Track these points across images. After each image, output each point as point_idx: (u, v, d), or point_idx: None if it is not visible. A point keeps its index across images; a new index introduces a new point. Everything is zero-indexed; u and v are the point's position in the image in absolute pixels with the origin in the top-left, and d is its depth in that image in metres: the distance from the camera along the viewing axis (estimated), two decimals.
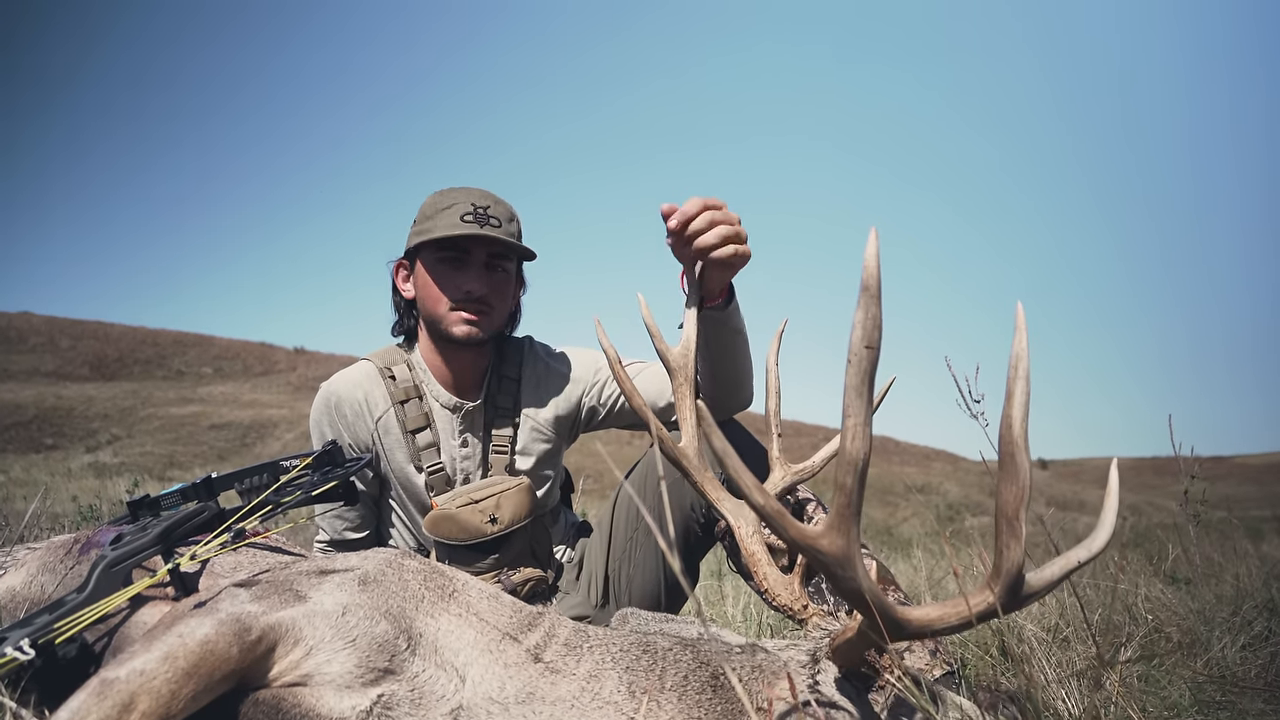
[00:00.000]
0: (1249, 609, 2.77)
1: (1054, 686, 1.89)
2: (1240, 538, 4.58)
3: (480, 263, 2.42)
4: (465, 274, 2.41)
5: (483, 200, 2.40)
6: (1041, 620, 2.79)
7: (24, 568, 1.91)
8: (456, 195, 2.41)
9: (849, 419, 1.15)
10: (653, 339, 1.88)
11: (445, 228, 2.35)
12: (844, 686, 1.43)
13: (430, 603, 1.53)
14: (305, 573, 1.54)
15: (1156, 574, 3.72)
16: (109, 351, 44.65)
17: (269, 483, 2.04)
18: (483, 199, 2.41)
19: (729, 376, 2.31)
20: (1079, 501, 29.63)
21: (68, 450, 27.27)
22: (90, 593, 1.54)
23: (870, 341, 1.12)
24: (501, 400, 2.55)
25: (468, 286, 2.39)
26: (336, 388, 2.49)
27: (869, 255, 1.11)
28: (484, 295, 2.41)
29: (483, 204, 2.39)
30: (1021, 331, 1.19)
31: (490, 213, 2.39)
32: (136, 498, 1.99)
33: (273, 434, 30.02)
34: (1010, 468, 1.19)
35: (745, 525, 1.68)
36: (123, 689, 1.20)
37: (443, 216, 2.37)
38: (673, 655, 1.48)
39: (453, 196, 2.41)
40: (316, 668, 1.37)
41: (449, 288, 2.40)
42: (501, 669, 1.44)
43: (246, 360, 47.80)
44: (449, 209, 2.37)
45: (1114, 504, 1.29)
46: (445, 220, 2.36)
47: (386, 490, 2.57)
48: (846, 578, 1.22)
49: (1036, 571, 1.26)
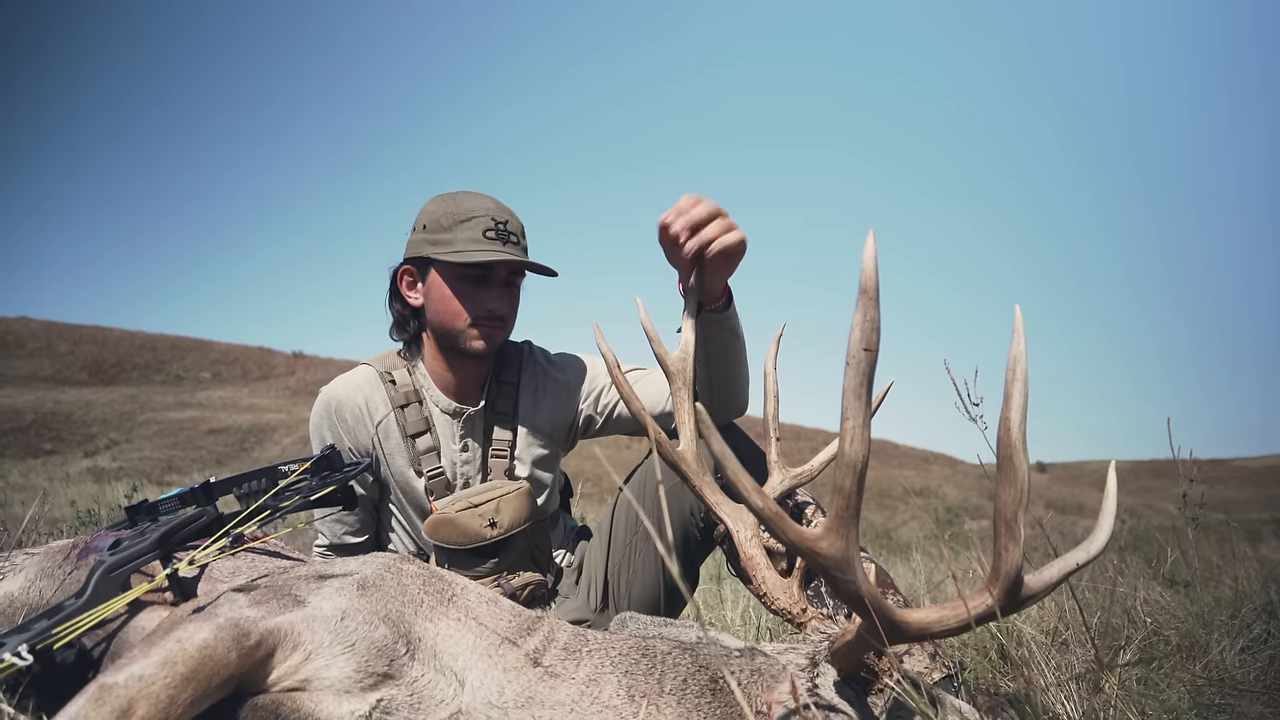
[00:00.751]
0: (1248, 612, 2.77)
1: (1053, 689, 1.89)
2: (1239, 540, 4.59)
3: (502, 280, 2.41)
4: (488, 292, 2.39)
5: (500, 214, 2.38)
6: (1040, 623, 2.79)
7: (22, 573, 1.90)
8: (472, 205, 2.37)
9: (847, 422, 1.15)
10: (651, 344, 1.88)
11: (469, 246, 2.31)
12: (843, 690, 1.43)
13: (429, 607, 1.53)
14: (304, 577, 1.54)
15: (1155, 577, 3.72)
16: (107, 356, 44.59)
17: (267, 487, 2.04)
18: (500, 212, 2.38)
19: (726, 381, 2.30)
20: (1078, 504, 29.64)
21: (66, 455, 27.23)
22: (89, 598, 1.54)
23: (868, 344, 1.12)
24: (501, 405, 2.55)
25: (490, 305, 2.38)
26: (337, 392, 2.48)
27: (867, 258, 1.11)
28: (504, 313, 2.41)
29: (501, 219, 2.36)
30: (1019, 335, 1.19)
31: (509, 228, 2.37)
32: (135, 503, 1.99)
33: (271, 438, 29.97)
34: (1009, 471, 1.20)
35: (744, 529, 1.68)
36: (121, 694, 1.20)
37: (463, 230, 2.34)
38: (672, 659, 1.48)
39: (468, 206, 2.37)
40: (315, 673, 1.37)
41: (471, 306, 2.38)
42: (500, 673, 1.44)
43: (245, 365, 47.74)
44: (468, 223, 2.34)
45: (1112, 507, 1.29)
46: (466, 236, 2.33)
47: (386, 495, 2.57)
48: (845, 580, 1.22)
49: (1035, 574, 1.27)
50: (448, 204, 2.40)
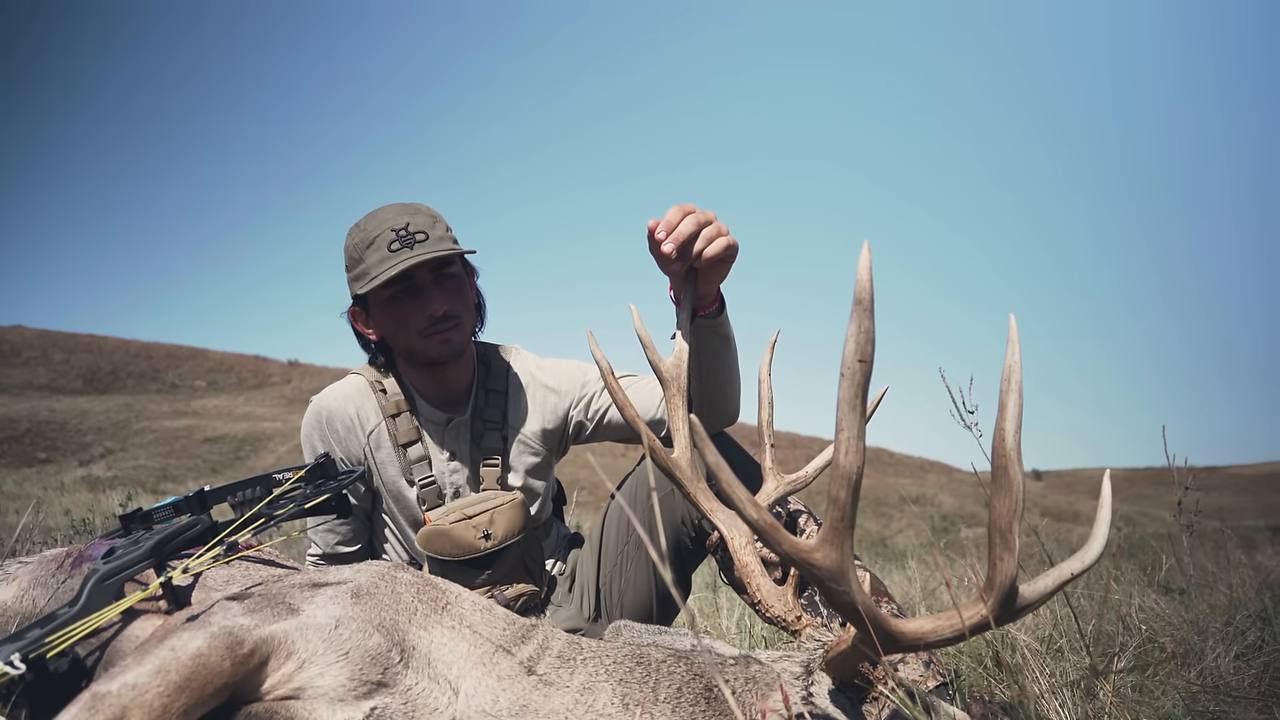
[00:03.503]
0: (1242, 619, 2.77)
1: (1047, 697, 1.89)
2: (1234, 548, 4.59)
3: (428, 282, 2.34)
4: (420, 299, 2.33)
5: (399, 218, 2.31)
6: (1035, 631, 2.79)
7: (15, 581, 1.90)
8: (375, 224, 2.31)
9: (842, 433, 1.15)
10: (645, 350, 1.88)
11: (379, 268, 2.26)
12: (838, 698, 1.43)
13: (423, 615, 1.53)
14: (298, 585, 1.54)
15: (1150, 584, 3.72)
16: (102, 365, 44.55)
17: (262, 496, 2.04)
18: (399, 217, 2.31)
19: (717, 387, 2.30)
20: (1073, 512, 29.65)
21: (61, 464, 27.18)
22: (82, 606, 1.53)
23: (863, 355, 1.12)
24: (489, 414, 2.52)
25: (429, 311, 2.32)
26: (327, 402, 2.47)
27: (861, 268, 1.12)
28: (446, 311, 2.35)
29: (401, 223, 2.29)
30: (1014, 344, 1.20)
31: (412, 228, 2.29)
32: (129, 511, 1.98)
33: (266, 447, 29.95)
34: (1003, 480, 1.20)
35: (738, 537, 1.68)
36: (114, 703, 1.20)
37: (372, 254, 2.29)
38: (666, 667, 1.48)
39: (371, 229, 2.31)
40: (309, 680, 1.37)
41: (412, 319, 2.33)
42: (495, 681, 1.44)
43: (240, 373, 47.72)
44: (373, 245, 2.29)
45: (1107, 515, 1.29)
46: (376, 258, 2.28)
47: (378, 504, 2.55)
48: (840, 591, 1.22)
49: (1030, 583, 1.27)
50: (355, 235, 2.35)
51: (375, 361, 2.55)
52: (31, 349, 44.83)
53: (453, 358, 2.41)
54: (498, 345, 2.66)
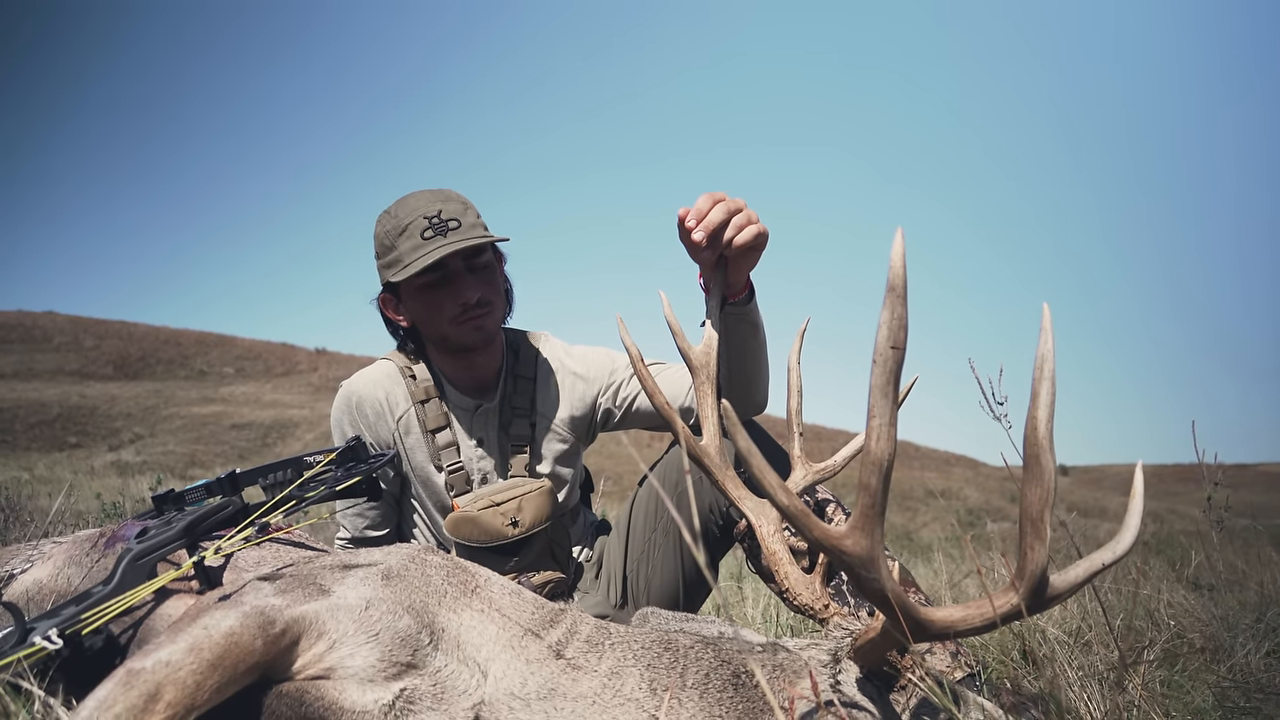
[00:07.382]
0: (1273, 615, 2.75)
1: (1076, 688, 1.88)
2: (1264, 545, 4.55)
3: (461, 270, 2.34)
4: (453, 287, 2.34)
5: (432, 207, 2.31)
6: (1063, 624, 2.77)
7: (50, 560, 1.93)
8: (406, 211, 2.32)
9: (874, 419, 1.15)
10: (675, 337, 1.88)
11: (413, 255, 2.26)
12: (865, 686, 1.43)
13: (453, 598, 1.53)
14: (329, 567, 1.55)
15: (1179, 580, 3.69)
16: (132, 351, 45.00)
17: (293, 478, 2.05)
18: (430, 204, 2.32)
19: (746, 376, 2.30)
20: (1100, 508, 29.37)
21: (91, 449, 27.52)
22: (116, 585, 1.56)
23: (896, 342, 1.12)
24: (518, 400, 2.53)
25: (462, 299, 2.33)
26: (357, 387, 2.49)
27: (895, 255, 1.11)
28: (480, 298, 2.36)
29: (433, 210, 2.30)
30: (1047, 333, 1.18)
31: (445, 216, 2.29)
32: (161, 492, 2.00)
33: (294, 434, 30.18)
34: (1035, 469, 1.19)
35: (767, 524, 1.68)
36: (149, 679, 1.21)
37: (404, 242, 2.29)
38: (694, 653, 1.49)
39: (402, 216, 2.32)
40: (339, 661, 1.38)
41: (445, 306, 2.35)
42: (523, 665, 1.44)
43: (268, 360, 48.05)
44: (406, 232, 2.29)
45: (1139, 506, 1.28)
46: (409, 246, 2.28)
47: (407, 489, 2.58)
48: (870, 578, 1.22)
49: (1061, 573, 1.26)
50: (385, 222, 2.36)
51: (405, 348, 2.56)
52: (63, 335, 45.36)
53: (485, 343, 2.42)
54: (526, 332, 2.67)
